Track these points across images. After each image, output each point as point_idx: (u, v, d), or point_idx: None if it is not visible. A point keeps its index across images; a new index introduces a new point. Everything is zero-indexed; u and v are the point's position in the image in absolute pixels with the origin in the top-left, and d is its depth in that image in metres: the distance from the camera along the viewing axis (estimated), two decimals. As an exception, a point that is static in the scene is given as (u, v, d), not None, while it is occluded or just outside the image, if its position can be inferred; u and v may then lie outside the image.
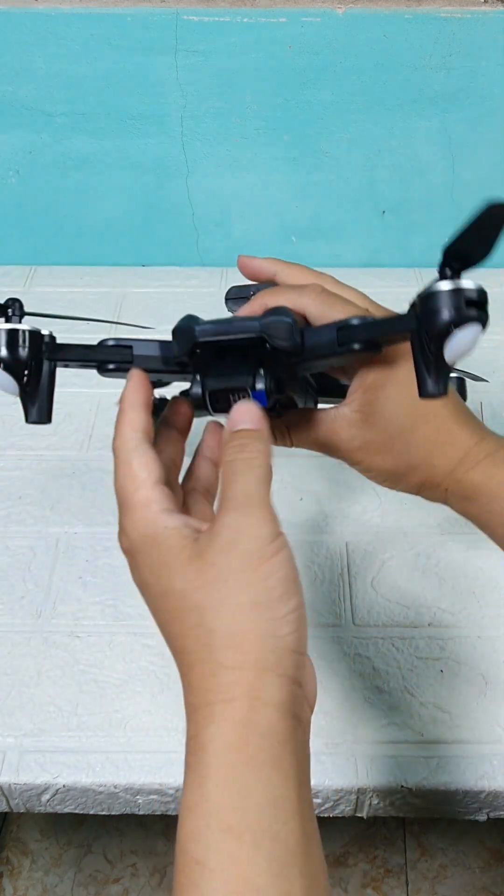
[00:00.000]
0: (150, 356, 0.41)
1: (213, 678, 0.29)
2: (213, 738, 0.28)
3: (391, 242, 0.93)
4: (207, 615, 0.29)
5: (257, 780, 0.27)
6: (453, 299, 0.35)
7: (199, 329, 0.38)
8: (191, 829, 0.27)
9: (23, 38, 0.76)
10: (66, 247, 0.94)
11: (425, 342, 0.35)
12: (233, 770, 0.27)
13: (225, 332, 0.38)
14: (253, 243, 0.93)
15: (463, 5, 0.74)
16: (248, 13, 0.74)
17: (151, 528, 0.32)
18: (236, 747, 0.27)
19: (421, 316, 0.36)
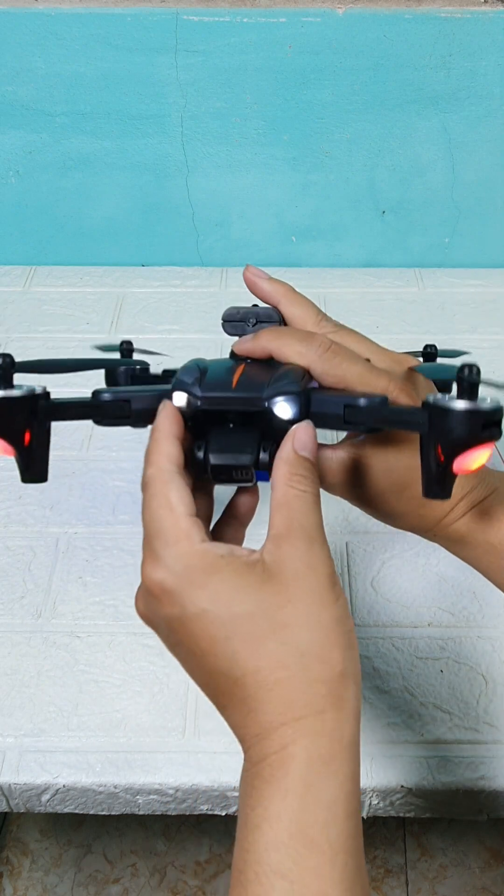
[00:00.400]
0: (148, 410, 0.39)
1: (301, 694, 0.29)
2: (306, 750, 0.29)
3: (391, 242, 0.93)
4: (294, 632, 0.30)
5: (340, 792, 0.29)
6: (471, 421, 0.35)
7: (203, 396, 0.37)
8: (272, 840, 0.28)
9: (23, 38, 0.76)
10: (66, 247, 0.94)
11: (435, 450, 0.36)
12: (320, 783, 0.28)
13: (229, 403, 0.37)
14: (253, 243, 0.93)
15: (463, 5, 0.74)
16: (248, 13, 0.74)
17: (203, 558, 0.31)
18: (325, 760, 0.29)
19: (434, 426, 0.35)
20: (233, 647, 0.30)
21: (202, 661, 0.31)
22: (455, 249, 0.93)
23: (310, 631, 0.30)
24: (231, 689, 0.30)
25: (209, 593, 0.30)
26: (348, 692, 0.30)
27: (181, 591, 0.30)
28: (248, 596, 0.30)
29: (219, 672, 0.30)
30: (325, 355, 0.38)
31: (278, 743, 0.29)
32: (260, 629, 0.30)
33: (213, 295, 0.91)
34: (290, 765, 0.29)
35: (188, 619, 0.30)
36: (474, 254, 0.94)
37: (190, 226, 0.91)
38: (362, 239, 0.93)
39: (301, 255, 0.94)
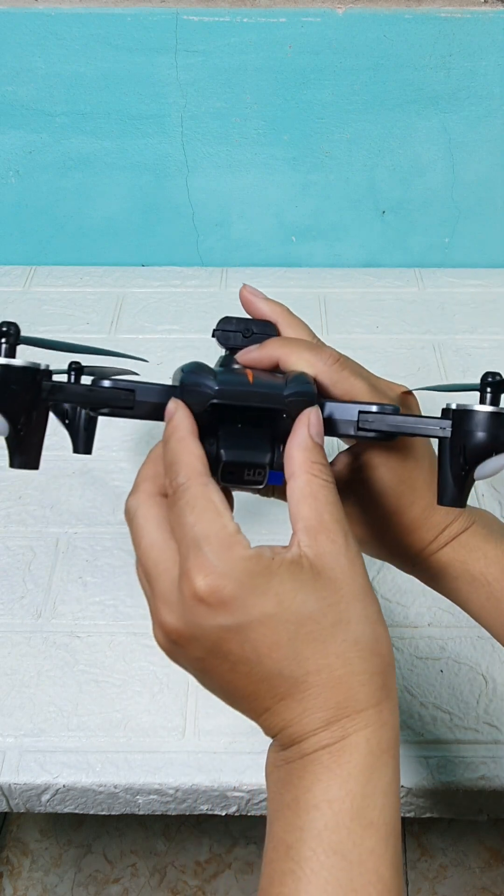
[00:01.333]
0: (151, 403, 0.37)
1: (365, 686, 0.30)
2: (368, 741, 0.30)
3: (391, 242, 0.93)
4: (353, 627, 0.31)
5: (392, 779, 0.31)
6: (495, 425, 0.35)
7: (218, 390, 0.35)
8: (332, 821, 0.29)
9: (23, 38, 0.76)
10: (66, 247, 0.94)
11: (457, 456, 0.36)
12: (379, 771, 0.30)
13: (246, 398, 0.35)
14: (253, 243, 0.93)
15: (463, 5, 0.74)
16: (248, 13, 0.74)
17: (259, 562, 0.30)
18: (381, 749, 0.30)
19: (457, 431, 0.36)
20: (297, 647, 0.30)
21: (255, 668, 0.30)
22: (455, 249, 0.93)
23: (365, 625, 0.31)
24: (289, 690, 0.30)
25: (273, 597, 0.30)
26: (394, 681, 0.32)
27: (244, 598, 0.29)
28: (308, 595, 0.30)
29: (276, 675, 0.30)
30: (334, 366, 0.39)
31: (339, 733, 0.30)
32: (323, 628, 0.30)
33: (213, 295, 0.91)
34: (352, 753, 0.30)
35: (249, 625, 0.29)
36: (474, 254, 0.94)
37: (190, 226, 0.91)
38: (362, 239, 0.93)
39: (301, 255, 0.94)
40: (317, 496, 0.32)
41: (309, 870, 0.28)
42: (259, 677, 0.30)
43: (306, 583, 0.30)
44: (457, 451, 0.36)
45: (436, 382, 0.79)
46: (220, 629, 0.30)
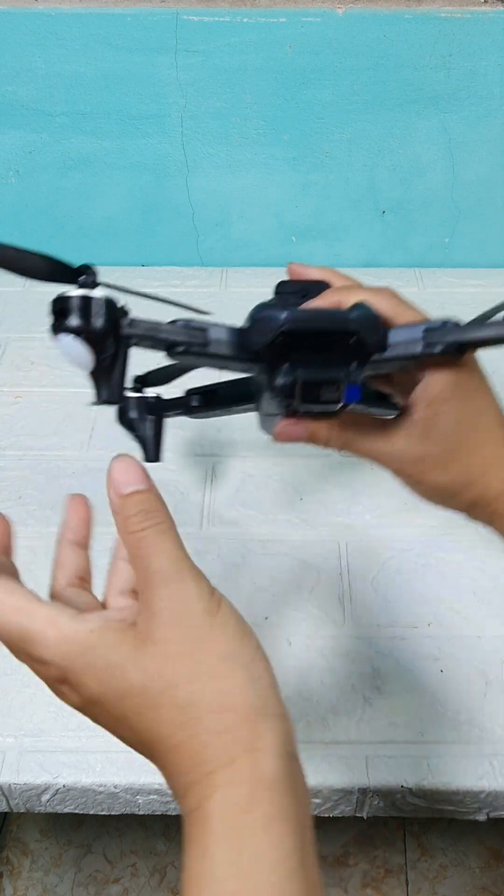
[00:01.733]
0: (222, 341, 0.38)
1: (206, 749, 0.28)
2: (220, 803, 0.27)
3: (391, 242, 0.93)
4: (180, 691, 0.28)
5: (266, 838, 0.27)
6: None
7: (287, 317, 0.36)
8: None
9: (23, 38, 0.76)
10: (66, 247, 0.94)
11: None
12: (240, 833, 0.27)
13: (315, 321, 0.37)
14: (253, 243, 0.93)
15: (463, 5, 0.74)
16: (248, 13, 0.74)
17: (75, 640, 0.29)
18: (244, 808, 0.27)
19: None
20: (130, 720, 0.29)
21: (119, 733, 0.30)
22: (455, 249, 0.93)
23: (200, 683, 0.28)
24: (150, 753, 0.30)
25: (92, 676, 0.29)
26: (262, 728, 0.28)
27: (72, 681, 0.30)
28: (128, 667, 0.29)
29: (135, 742, 0.30)
30: (393, 300, 0.40)
31: (195, 801, 0.28)
32: (150, 698, 0.28)
33: (213, 295, 0.91)
34: (205, 821, 0.27)
35: (89, 704, 0.30)
36: (474, 254, 0.94)
37: (190, 226, 0.91)
38: (362, 239, 0.93)
39: (301, 255, 0.94)
40: (139, 553, 0.31)
41: None
42: (129, 740, 0.30)
43: (127, 654, 0.29)
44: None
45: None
46: (76, 705, 0.31)
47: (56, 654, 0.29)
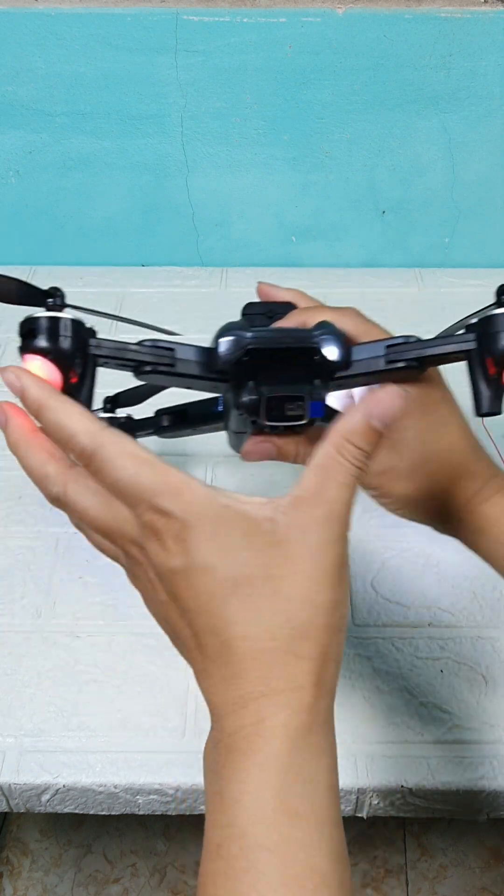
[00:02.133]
0: (190, 360, 0.39)
1: (287, 667, 0.29)
2: (285, 725, 0.28)
3: (391, 242, 0.93)
4: (291, 606, 0.29)
5: (319, 767, 0.28)
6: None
7: (252, 336, 0.38)
8: (255, 814, 0.27)
9: (23, 38, 0.76)
10: (66, 247, 0.94)
11: (485, 363, 0.37)
12: (299, 757, 0.28)
13: (280, 340, 0.38)
14: (253, 243, 0.93)
15: (463, 5, 0.74)
16: (248, 13, 0.74)
17: (211, 506, 0.29)
18: (303, 735, 0.28)
19: (482, 338, 0.37)
20: (230, 608, 0.29)
21: (194, 619, 0.30)
22: (455, 249, 0.93)
23: (305, 608, 0.29)
24: (217, 651, 0.29)
25: (217, 546, 0.29)
26: (328, 673, 0.30)
27: (191, 541, 0.29)
28: (252, 556, 0.29)
29: (209, 631, 0.29)
30: (356, 318, 0.41)
31: (255, 715, 0.28)
32: (259, 595, 0.29)
33: (213, 295, 0.91)
34: (268, 738, 0.28)
35: (194, 571, 0.29)
36: (474, 254, 0.94)
37: (190, 226, 0.91)
38: (362, 239, 0.93)
39: (301, 255, 0.94)
40: (328, 472, 0.31)
41: (239, 868, 0.27)
42: (199, 629, 0.30)
43: (256, 544, 0.29)
44: (485, 358, 0.37)
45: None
46: (170, 571, 0.29)
47: (187, 509, 0.29)
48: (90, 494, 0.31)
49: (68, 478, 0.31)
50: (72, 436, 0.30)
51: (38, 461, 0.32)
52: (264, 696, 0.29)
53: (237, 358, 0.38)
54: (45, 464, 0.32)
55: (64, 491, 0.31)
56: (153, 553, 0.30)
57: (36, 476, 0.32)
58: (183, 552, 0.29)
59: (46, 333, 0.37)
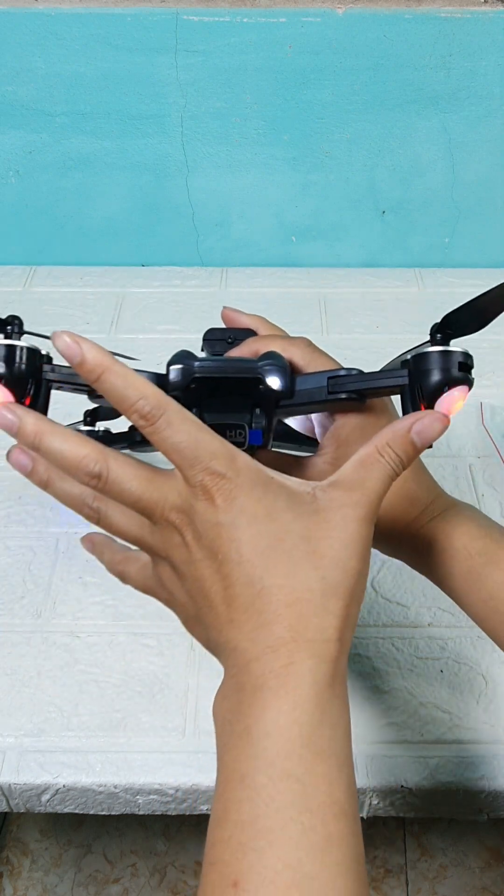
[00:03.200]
0: None
1: (318, 619, 0.31)
2: (312, 671, 0.30)
3: (391, 242, 0.93)
4: (327, 564, 0.32)
5: (341, 714, 0.31)
6: (446, 361, 0.39)
7: (199, 365, 0.40)
8: (283, 748, 0.29)
9: (23, 38, 0.76)
10: (66, 247, 0.94)
11: (417, 398, 0.40)
12: (325, 703, 0.30)
13: (224, 369, 0.41)
14: (253, 243, 0.93)
15: (463, 5, 0.74)
16: (248, 13, 0.74)
17: (262, 473, 0.33)
18: (328, 684, 0.31)
19: (414, 374, 0.40)
20: (270, 557, 0.32)
21: (231, 570, 0.32)
22: (455, 249, 0.93)
23: (338, 569, 0.32)
24: (251, 601, 0.31)
25: (263, 507, 0.32)
26: (348, 634, 0.32)
27: (242, 500, 0.32)
28: (295, 518, 0.32)
29: (245, 582, 0.31)
30: (306, 350, 0.44)
31: (286, 657, 0.31)
32: (300, 551, 0.32)
33: (213, 295, 0.91)
34: (298, 680, 0.30)
35: (238, 525, 0.32)
36: (474, 254, 0.94)
37: (190, 226, 0.91)
38: (362, 239, 0.93)
39: (301, 255, 0.94)
40: (368, 467, 0.34)
41: (266, 795, 0.29)
42: (235, 580, 0.32)
43: (297, 510, 0.33)
44: (416, 394, 0.40)
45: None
46: (217, 524, 0.32)
47: (238, 473, 0.32)
48: (132, 469, 0.32)
49: (108, 455, 0.32)
50: (140, 397, 0.31)
51: (74, 442, 0.32)
52: (295, 641, 0.31)
53: (185, 385, 0.40)
54: (82, 444, 0.32)
55: (107, 466, 0.32)
56: (201, 510, 0.32)
57: (71, 458, 0.32)
58: (231, 508, 0.32)
59: (2, 360, 0.39)
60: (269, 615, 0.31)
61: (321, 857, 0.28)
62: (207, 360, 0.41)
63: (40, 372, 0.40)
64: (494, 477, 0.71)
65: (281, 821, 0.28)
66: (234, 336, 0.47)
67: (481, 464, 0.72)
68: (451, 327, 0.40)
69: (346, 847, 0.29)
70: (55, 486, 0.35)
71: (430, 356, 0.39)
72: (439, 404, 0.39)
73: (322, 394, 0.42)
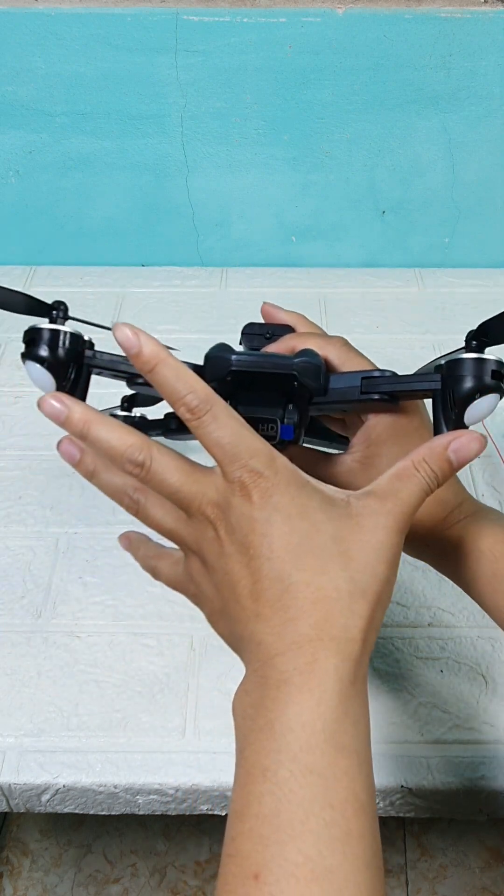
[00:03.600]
0: None
1: (343, 618, 0.32)
2: (336, 669, 0.31)
3: (391, 242, 0.93)
4: (356, 566, 0.33)
5: (362, 713, 0.32)
6: (479, 369, 0.40)
7: (236, 358, 0.41)
8: (306, 743, 0.30)
9: (23, 38, 0.76)
10: (66, 247, 0.94)
11: (448, 404, 0.40)
12: (348, 700, 0.31)
13: (260, 364, 0.41)
14: (253, 243, 0.93)
15: (463, 5, 0.74)
16: (248, 13, 0.74)
17: (296, 476, 0.34)
18: (351, 682, 0.31)
19: (447, 379, 0.40)
20: (301, 553, 0.32)
21: (261, 565, 0.32)
22: (455, 249, 0.93)
23: (367, 572, 0.33)
24: (278, 596, 0.32)
25: (297, 506, 0.33)
26: (372, 636, 0.33)
27: (277, 497, 0.32)
28: (327, 519, 0.33)
29: (275, 577, 0.32)
30: (342, 348, 0.45)
31: (310, 654, 0.31)
32: (328, 550, 0.33)
33: (213, 295, 0.91)
34: (322, 677, 0.31)
35: (272, 521, 0.32)
36: (474, 254, 0.94)
37: (190, 226, 0.91)
38: (362, 239, 0.93)
39: (301, 255, 0.94)
40: (403, 481, 0.35)
41: (287, 789, 0.29)
42: (264, 574, 0.32)
43: (330, 512, 0.33)
44: (448, 399, 0.40)
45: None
46: (249, 519, 0.32)
47: (276, 472, 0.33)
48: (174, 461, 0.33)
49: (152, 446, 0.33)
50: (190, 391, 0.33)
51: (120, 432, 0.33)
52: (320, 639, 0.31)
53: (222, 377, 0.41)
54: (128, 433, 0.33)
55: (150, 456, 0.33)
56: (236, 505, 0.32)
57: (120, 447, 0.33)
58: (266, 505, 0.32)
59: (46, 344, 0.41)
60: (296, 611, 0.32)
61: (341, 852, 0.28)
62: (244, 354, 0.42)
63: (82, 357, 0.41)
64: (494, 477, 0.71)
65: (302, 815, 0.28)
66: (272, 332, 0.47)
67: (481, 464, 0.72)
68: (487, 335, 0.40)
69: (365, 843, 0.29)
70: (100, 476, 0.36)
71: (464, 363, 0.40)
72: (471, 411, 0.40)
73: (355, 393, 0.42)
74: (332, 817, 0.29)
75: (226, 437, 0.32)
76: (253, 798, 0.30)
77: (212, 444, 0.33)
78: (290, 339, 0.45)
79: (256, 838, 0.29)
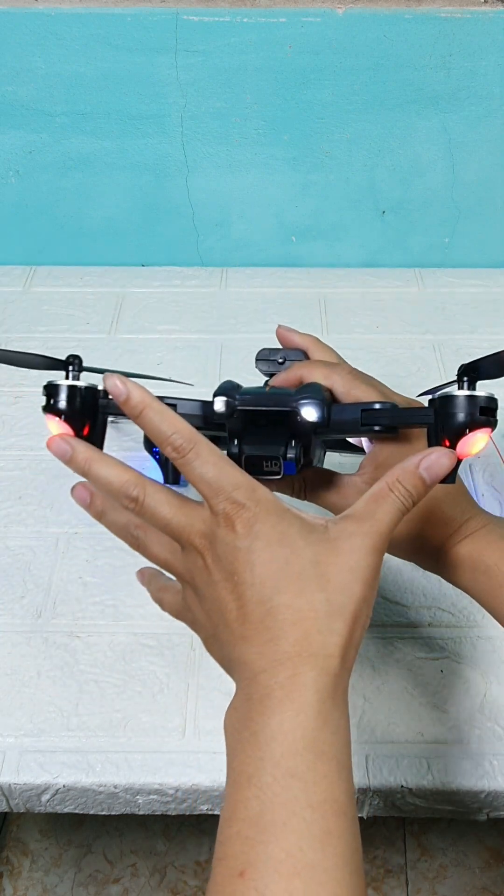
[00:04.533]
0: (192, 415, 0.46)
1: (321, 636, 0.34)
2: (315, 682, 0.33)
3: (391, 242, 0.93)
4: (333, 588, 0.34)
5: (342, 723, 0.34)
6: (470, 405, 0.41)
7: (240, 398, 0.44)
8: (288, 749, 0.32)
9: (23, 38, 0.76)
10: (66, 247, 0.94)
11: (441, 437, 0.42)
12: (327, 711, 0.33)
13: (263, 403, 0.44)
14: (253, 243, 0.93)
15: (463, 5, 0.74)
16: (248, 13, 0.74)
17: (279, 505, 0.36)
18: (330, 694, 0.33)
19: (439, 414, 0.42)
20: (280, 581, 0.34)
21: (245, 590, 0.34)
22: (455, 249, 0.93)
23: (344, 594, 0.35)
24: (261, 618, 0.34)
25: (277, 534, 0.35)
26: (350, 653, 0.35)
27: (259, 527, 0.35)
28: (306, 545, 0.35)
29: (257, 601, 0.34)
30: (347, 377, 0.46)
31: (291, 669, 0.33)
32: (309, 575, 0.34)
33: (213, 295, 0.91)
34: (302, 689, 0.33)
35: (254, 549, 0.34)
36: (474, 254, 0.94)
37: (190, 226, 0.91)
38: (362, 239, 0.93)
39: (301, 255, 0.94)
40: (380, 502, 0.37)
41: (271, 793, 0.31)
42: (248, 599, 0.34)
43: (309, 537, 0.35)
44: (441, 434, 0.42)
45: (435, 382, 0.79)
46: (235, 549, 0.34)
47: (258, 503, 0.35)
48: (165, 496, 0.36)
49: (146, 482, 0.37)
50: (174, 431, 0.35)
51: (118, 469, 0.37)
52: (300, 656, 0.33)
53: (229, 415, 0.44)
54: (125, 471, 0.37)
55: (144, 491, 0.36)
56: (221, 536, 0.35)
57: (117, 482, 0.36)
58: (249, 535, 0.35)
59: (64, 399, 0.44)
60: (277, 631, 0.34)
61: (321, 849, 0.30)
62: (248, 394, 0.45)
63: (97, 406, 0.45)
64: (494, 477, 0.71)
65: (285, 815, 0.30)
66: (284, 356, 0.50)
67: (481, 464, 0.72)
68: (477, 371, 0.42)
69: (345, 842, 0.31)
70: (107, 516, 0.40)
71: (455, 400, 0.41)
72: (462, 445, 0.42)
73: (356, 426, 0.44)
74: (312, 817, 0.30)
75: (209, 473, 0.35)
76: (239, 803, 0.31)
77: (197, 479, 0.35)
78: (297, 369, 0.48)
79: (243, 840, 0.30)
